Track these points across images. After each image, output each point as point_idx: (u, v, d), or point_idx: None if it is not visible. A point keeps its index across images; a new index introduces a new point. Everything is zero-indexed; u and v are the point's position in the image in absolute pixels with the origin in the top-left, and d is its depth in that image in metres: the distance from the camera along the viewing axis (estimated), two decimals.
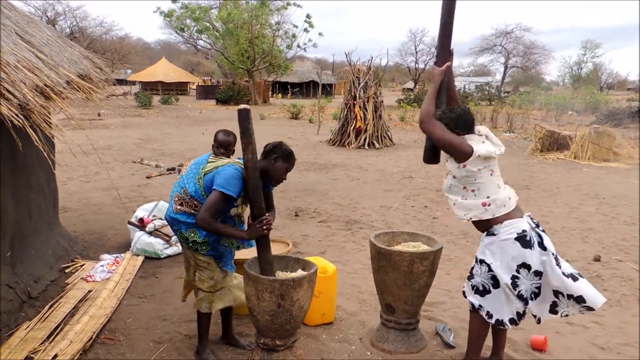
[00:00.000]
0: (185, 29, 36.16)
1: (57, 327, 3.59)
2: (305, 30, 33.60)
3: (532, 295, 2.93)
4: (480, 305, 3.01)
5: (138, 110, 24.94)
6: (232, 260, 3.38)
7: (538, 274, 2.88)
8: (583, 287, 2.89)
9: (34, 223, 4.41)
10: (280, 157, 3.05)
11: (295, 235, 6.01)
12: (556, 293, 2.92)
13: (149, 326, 3.73)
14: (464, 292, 3.17)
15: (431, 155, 3.19)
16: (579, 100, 31.86)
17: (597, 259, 5.40)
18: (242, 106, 2.91)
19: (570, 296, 2.89)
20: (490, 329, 3.16)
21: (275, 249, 3.87)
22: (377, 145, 14.32)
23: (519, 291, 2.89)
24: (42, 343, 3.34)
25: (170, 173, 9.67)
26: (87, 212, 6.80)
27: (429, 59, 58.73)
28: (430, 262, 3.31)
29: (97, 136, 14.42)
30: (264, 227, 2.99)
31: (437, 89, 3.04)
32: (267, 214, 3.03)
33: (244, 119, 2.91)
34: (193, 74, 53.14)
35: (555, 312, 2.96)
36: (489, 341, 3.22)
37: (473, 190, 2.98)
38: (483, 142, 2.97)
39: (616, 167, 11.90)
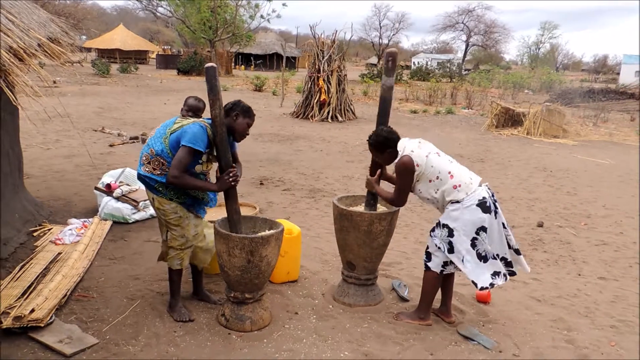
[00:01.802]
0: None
1: (30, 286, 3.69)
2: None
3: (496, 255, 3.23)
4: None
5: (96, 79, 24.17)
6: (204, 208, 3.51)
7: (491, 237, 3.20)
8: (517, 257, 3.34)
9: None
10: (241, 113, 3.23)
11: (260, 202, 6.21)
12: (505, 262, 3.29)
13: (121, 285, 3.89)
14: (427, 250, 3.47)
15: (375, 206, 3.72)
16: (535, 80, 32.99)
17: (540, 225, 5.88)
18: (210, 64, 3.04)
19: (503, 259, 3.28)
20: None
21: (244, 212, 4.07)
22: (340, 118, 14.54)
23: (477, 250, 3.19)
24: (17, 300, 3.45)
25: (133, 142, 9.62)
26: (50, 179, 6.76)
27: (393, 35, 58.94)
28: (388, 222, 3.59)
29: (54, 104, 13.99)
30: (231, 179, 3.17)
31: (379, 188, 3.53)
32: (234, 167, 3.21)
33: (212, 76, 3.04)
34: (152, 43, 51.49)
35: (492, 285, 3.26)
36: (438, 294, 3.57)
37: (437, 177, 3.23)
38: (404, 146, 3.28)
39: (564, 143, 12.60)
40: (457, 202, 3.20)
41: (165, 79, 27.32)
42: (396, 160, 3.29)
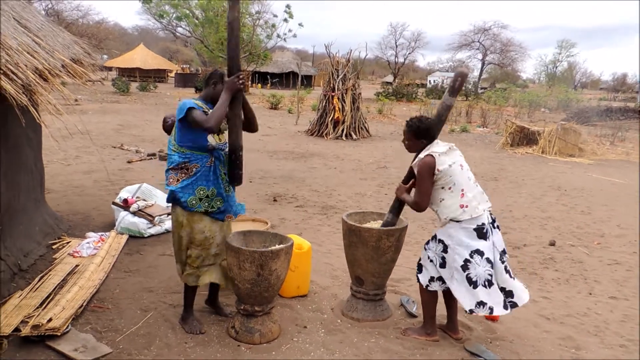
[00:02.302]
0: (165, 15, 35.79)
1: (48, 296, 3.82)
2: (285, 20, 33.62)
3: (486, 283, 3.19)
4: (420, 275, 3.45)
5: (116, 97, 24.76)
6: (236, 203, 3.52)
7: (490, 261, 3.20)
8: (516, 284, 3.34)
9: (22, 201, 4.61)
10: (219, 80, 3.32)
11: (273, 218, 6.31)
12: (504, 291, 3.28)
13: (135, 297, 3.99)
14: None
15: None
16: (551, 98, 32.84)
17: (552, 244, 5.86)
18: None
19: (502, 289, 3.27)
20: (443, 300, 3.54)
21: (255, 228, 4.18)
22: (354, 136, 14.67)
23: (468, 274, 3.19)
24: (35, 309, 3.57)
25: (151, 158, 9.84)
26: (70, 193, 6.96)
27: (409, 53, 59.27)
28: (396, 238, 3.65)
29: (76, 121, 14.40)
30: (240, 82, 3.20)
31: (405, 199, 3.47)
32: (244, 71, 3.25)
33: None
34: (171, 62, 52.58)
35: (505, 307, 3.26)
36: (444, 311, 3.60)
37: (450, 188, 3.25)
38: (436, 146, 3.32)
39: (580, 162, 12.51)
40: (457, 221, 3.22)
41: (183, 97, 27.85)
42: (420, 157, 3.31)
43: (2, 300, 3.69)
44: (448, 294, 3.50)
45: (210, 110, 3.23)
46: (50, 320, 3.34)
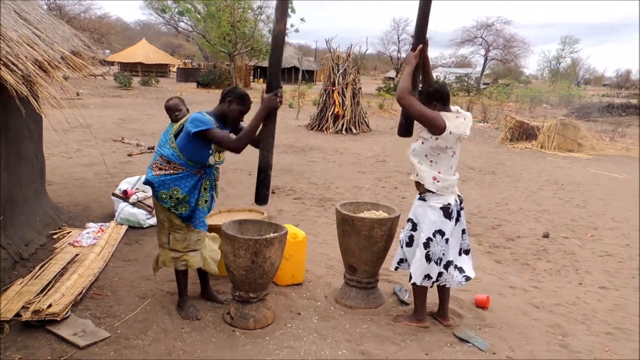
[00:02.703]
0: (167, 10, 35.83)
1: (48, 284, 3.91)
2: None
3: (438, 260, 3.39)
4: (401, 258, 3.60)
5: (117, 91, 24.84)
6: (204, 221, 3.59)
7: (447, 241, 3.37)
8: (466, 263, 3.52)
9: (23, 191, 4.70)
10: (235, 99, 3.36)
11: (270, 210, 6.38)
12: (447, 264, 3.42)
13: (133, 284, 4.09)
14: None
15: (405, 129, 3.58)
16: (553, 94, 32.78)
17: (545, 236, 5.94)
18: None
19: (456, 266, 3.46)
20: (436, 288, 3.63)
21: (252, 217, 4.25)
22: (354, 130, 14.73)
23: (427, 251, 3.37)
24: (36, 296, 3.67)
25: (151, 151, 9.91)
26: (71, 185, 7.06)
27: (411, 49, 59.00)
28: (388, 227, 3.73)
29: (77, 115, 14.49)
30: (279, 100, 3.21)
31: (413, 70, 3.39)
32: (280, 87, 3.24)
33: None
34: (174, 56, 52.58)
35: (437, 281, 3.44)
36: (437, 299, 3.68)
37: (432, 161, 3.36)
38: (457, 117, 3.32)
39: (578, 157, 12.56)
40: (424, 199, 3.38)
41: (185, 92, 27.90)
42: (442, 114, 3.28)
43: (3, 287, 3.78)
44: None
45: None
46: (50, 306, 3.43)
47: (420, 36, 3.46)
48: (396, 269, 3.68)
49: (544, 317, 3.87)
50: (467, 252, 3.57)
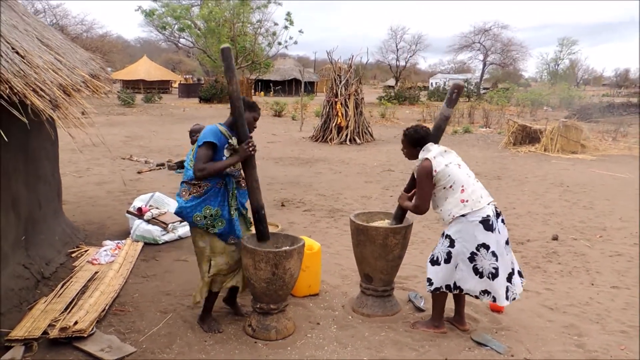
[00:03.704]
0: (167, 27, 36.22)
1: (72, 302, 4.01)
2: (286, 27, 33.97)
3: (490, 275, 3.38)
4: (427, 277, 3.58)
5: (122, 109, 25.07)
6: (239, 228, 3.64)
7: (494, 254, 3.37)
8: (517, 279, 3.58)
9: (43, 210, 4.81)
10: (246, 107, 3.49)
11: (282, 222, 6.47)
12: (510, 276, 3.46)
13: (154, 300, 4.18)
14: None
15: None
16: (554, 96, 32.89)
17: (555, 238, 6.01)
18: (225, 45, 3.34)
19: (519, 272, 3.53)
20: (451, 294, 3.70)
21: None
22: (358, 140, 14.84)
23: (474, 265, 3.39)
24: (61, 313, 3.76)
25: (160, 168, 10.04)
26: (84, 204, 7.17)
27: (410, 56, 59.40)
28: (402, 236, 3.82)
29: (84, 134, 14.66)
30: (250, 148, 3.38)
31: (407, 206, 3.71)
32: (251, 138, 3.42)
33: (227, 56, 3.32)
34: (174, 72, 53.04)
35: (507, 297, 3.46)
36: (453, 304, 3.76)
37: (451, 186, 3.43)
38: (429, 150, 3.50)
39: (582, 159, 12.63)
40: (462, 215, 3.40)
41: (187, 107, 28.15)
42: (417, 163, 3.52)
43: (29, 306, 3.88)
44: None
45: (233, 139, 3.43)
46: (76, 323, 3.52)
47: (411, 186, 3.80)
48: (436, 290, 3.59)
49: (558, 319, 3.94)
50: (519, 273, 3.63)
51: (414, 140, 3.58)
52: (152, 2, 34.26)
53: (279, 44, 35.27)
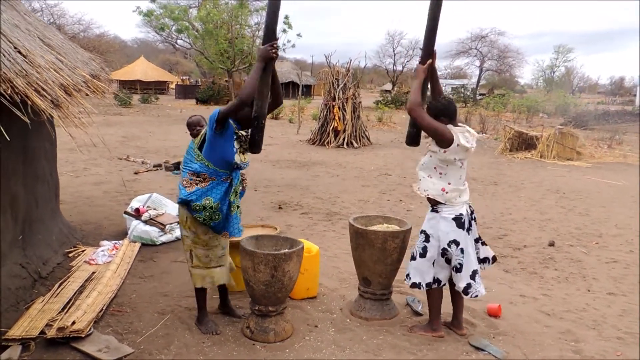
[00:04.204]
0: (165, 28, 36.17)
1: (69, 302, 3.99)
2: (284, 31, 34.03)
3: (454, 269, 3.50)
4: (407, 272, 3.64)
5: (118, 109, 25.01)
6: (239, 227, 3.65)
7: (462, 251, 3.46)
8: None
9: (40, 210, 4.79)
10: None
11: (279, 225, 6.46)
12: (474, 274, 3.52)
13: (152, 301, 4.17)
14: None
15: (413, 138, 3.72)
16: (549, 103, 33.08)
17: (551, 244, 6.04)
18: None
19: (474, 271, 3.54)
20: (450, 298, 3.72)
21: (265, 233, 4.35)
22: (355, 144, 14.87)
23: (446, 257, 3.52)
24: (58, 313, 3.74)
25: (157, 169, 10.03)
26: (81, 204, 7.15)
27: (407, 61, 59.62)
28: (401, 240, 3.83)
29: (81, 134, 14.62)
30: (273, 50, 3.33)
31: (422, 84, 3.55)
32: (276, 39, 3.37)
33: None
34: (172, 73, 52.98)
35: (467, 293, 3.51)
36: (450, 309, 3.77)
37: (441, 174, 3.50)
38: (464, 134, 3.46)
39: (578, 166, 12.71)
40: (436, 211, 3.50)
41: (184, 109, 28.12)
42: (451, 128, 3.42)
43: (26, 306, 3.87)
44: (454, 293, 3.67)
45: (240, 131, 3.43)
46: (73, 323, 3.51)
47: (428, 49, 3.64)
48: (413, 285, 3.66)
49: (555, 324, 3.96)
50: (483, 260, 3.69)
51: (436, 110, 3.49)
52: (149, 3, 34.19)
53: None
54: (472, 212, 3.61)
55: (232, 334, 3.65)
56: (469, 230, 3.51)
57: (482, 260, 3.69)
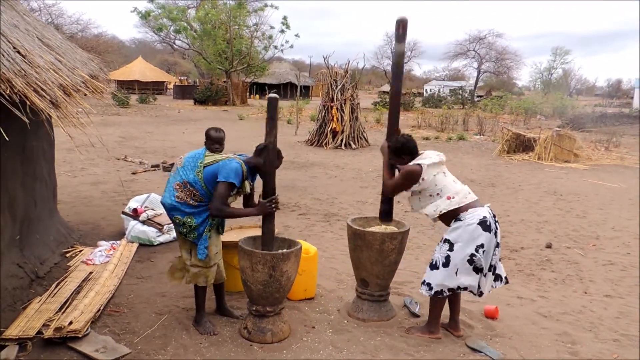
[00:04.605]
0: (163, 28, 36.16)
1: (66, 302, 3.99)
2: (282, 31, 34.07)
3: (490, 269, 3.50)
4: (426, 281, 3.59)
5: (116, 109, 24.94)
6: (204, 250, 3.65)
7: (485, 252, 3.45)
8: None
9: (38, 210, 4.79)
10: (262, 152, 3.58)
11: (277, 226, 6.40)
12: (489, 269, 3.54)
13: (149, 301, 4.16)
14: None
15: (389, 214, 4.04)
16: (547, 105, 33.17)
17: (548, 246, 6.05)
18: (272, 95, 3.43)
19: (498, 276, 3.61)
20: (447, 300, 3.72)
21: None
22: (353, 145, 14.88)
23: (474, 265, 3.45)
24: (55, 313, 3.74)
25: (155, 170, 10.02)
26: (79, 204, 7.14)
27: (405, 63, 59.56)
28: (398, 241, 3.84)
29: (79, 134, 14.59)
30: (273, 206, 3.51)
31: (389, 161, 3.76)
32: (275, 195, 3.53)
33: (273, 107, 3.42)
34: (169, 74, 52.93)
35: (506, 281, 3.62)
36: (447, 311, 3.78)
37: (438, 194, 3.54)
38: (423, 158, 3.58)
39: (575, 168, 12.74)
40: (460, 220, 3.46)
41: (182, 109, 28.10)
42: (410, 163, 3.56)
43: (22, 306, 3.86)
44: (452, 295, 3.67)
45: (245, 184, 3.58)
46: (71, 323, 3.51)
47: (393, 126, 3.86)
48: (436, 293, 3.60)
49: (552, 326, 3.97)
50: (496, 278, 3.64)
51: (397, 149, 3.66)
52: (148, 4, 34.19)
53: (275, 47, 35.35)
54: (494, 215, 3.59)
55: (230, 335, 3.65)
56: (495, 233, 3.50)
57: (496, 278, 3.63)
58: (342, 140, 14.84)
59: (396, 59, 3.85)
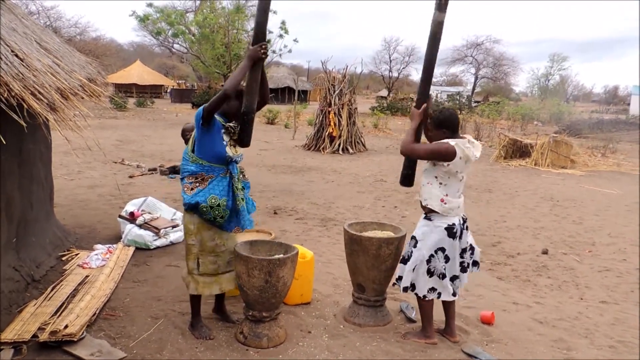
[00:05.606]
0: (161, 32, 36.16)
1: (62, 305, 3.97)
2: (280, 36, 34.11)
3: (440, 275, 3.53)
4: (399, 276, 3.67)
5: (114, 112, 24.95)
6: (250, 218, 3.65)
7: (447, 258, 3.51)
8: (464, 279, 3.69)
9: (35, 213, 4.78)
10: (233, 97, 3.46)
11: (274, 230, 6.46)
12: (453, 278, 3.58)
13: (145, 305, 4.15)
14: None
15: (409, 180, 3.76)
16: (544, 111, 33.31)
17: (544, 252, 6.07)
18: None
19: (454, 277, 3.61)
20: (442, 306, 3.73)
21: (259, 238, 4.36)
22: (350, 150, 14.90)
23: (429, 267, 3.53)
24: (51, 317, 3.72)
25: (152, 173, 10.01)
26: (75, 207, 7.12)
27: (403, 68, 59.87)
28: (395, 246, 3.84)
29: (76, 137, 14.57)
30: (262, 51, 3.36)
31: (417, 127, 3.60)
32: (266, 41, 3.40)
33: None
34: (168, 77, 52.96)
35: (454, 294, 3.60)
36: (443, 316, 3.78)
37: (441, 184, 3.53)
38: (465, 145, 3.48)
39: (572, 174, 12.79)
40: (429, 219, 3.53)
41: (180, 113, 28.12)
42: (446, 140, 3.45)
43: (18, 309, 3.85)
44: (446, 301, 3.68)
45: (228, 123, 3.44)
46: (66, 326, 3.49)
47: (424, 95, 3.66)
48: (393, 284, 3.85)
49: (548, 332, 3.98)
50: (464, 269, 3.66)
51: (438, 121, 3.54)
52: (146, 7, 34.19)
53: (273, 52, 35.36)
54: (464, 221, 3.63)
55: (226, 339, 3.64)
56: (459, 238, 3.54)
57: (473, 264, 3.72)
58: (339, 145, 14.87)
59: (434, 29, 3.54)
